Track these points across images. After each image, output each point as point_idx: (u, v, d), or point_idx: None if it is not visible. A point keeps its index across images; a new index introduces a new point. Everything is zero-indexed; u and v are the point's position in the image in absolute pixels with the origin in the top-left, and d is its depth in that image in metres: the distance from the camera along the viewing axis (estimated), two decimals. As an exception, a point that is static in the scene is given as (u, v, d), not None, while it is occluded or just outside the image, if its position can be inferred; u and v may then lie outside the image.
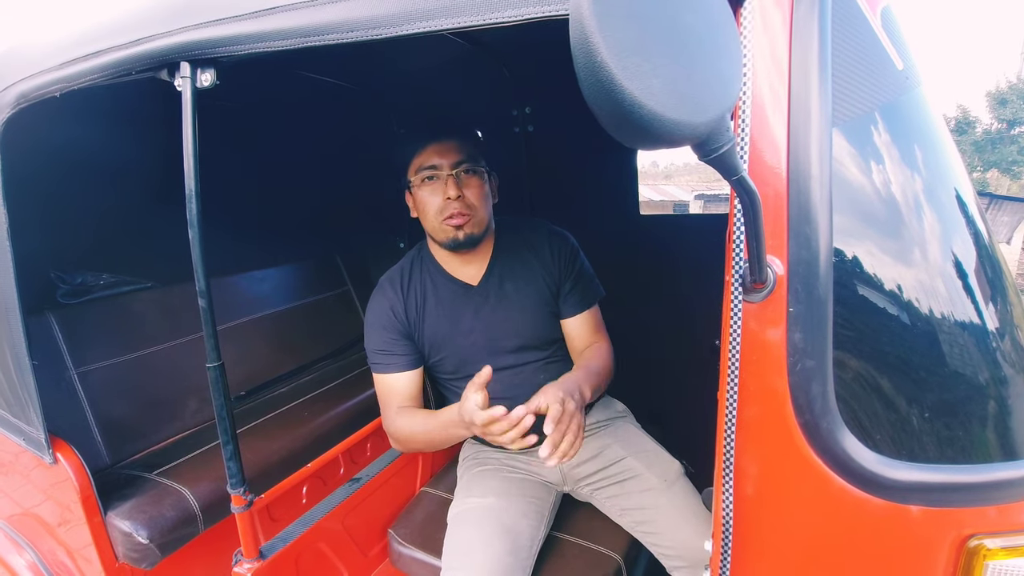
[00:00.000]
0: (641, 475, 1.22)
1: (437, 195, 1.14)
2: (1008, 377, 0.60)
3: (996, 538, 0.57)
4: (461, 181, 1.14)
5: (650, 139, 0.39)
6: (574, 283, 1.27)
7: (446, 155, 1.13)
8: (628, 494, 1.23)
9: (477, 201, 1.15)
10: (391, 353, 1.22)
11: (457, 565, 1.08)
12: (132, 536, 1.15)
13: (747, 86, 0.54)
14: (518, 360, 1.25)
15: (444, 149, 1.14)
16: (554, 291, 1.27)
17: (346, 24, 0.65)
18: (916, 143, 0.60)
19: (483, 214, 1.17)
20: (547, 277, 1.26)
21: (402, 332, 1.24)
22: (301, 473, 1.24)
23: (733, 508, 0.63)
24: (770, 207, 0.54)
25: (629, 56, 0.37)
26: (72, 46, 0.94)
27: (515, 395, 1.25)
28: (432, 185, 1.15)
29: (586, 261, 1.32)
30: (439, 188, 1.14)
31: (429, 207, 1.15)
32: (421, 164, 1.14)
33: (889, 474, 0.56)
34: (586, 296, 1.28)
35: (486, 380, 0.91)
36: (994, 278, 0.61)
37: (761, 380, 0.58)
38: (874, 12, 0.57)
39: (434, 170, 1.14)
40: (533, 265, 1.26)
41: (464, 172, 1.14)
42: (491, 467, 1.30)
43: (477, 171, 1.16)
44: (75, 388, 1.39)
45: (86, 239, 1.49)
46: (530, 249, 1.27)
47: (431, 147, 1.14)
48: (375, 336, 1.24)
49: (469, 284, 1.25)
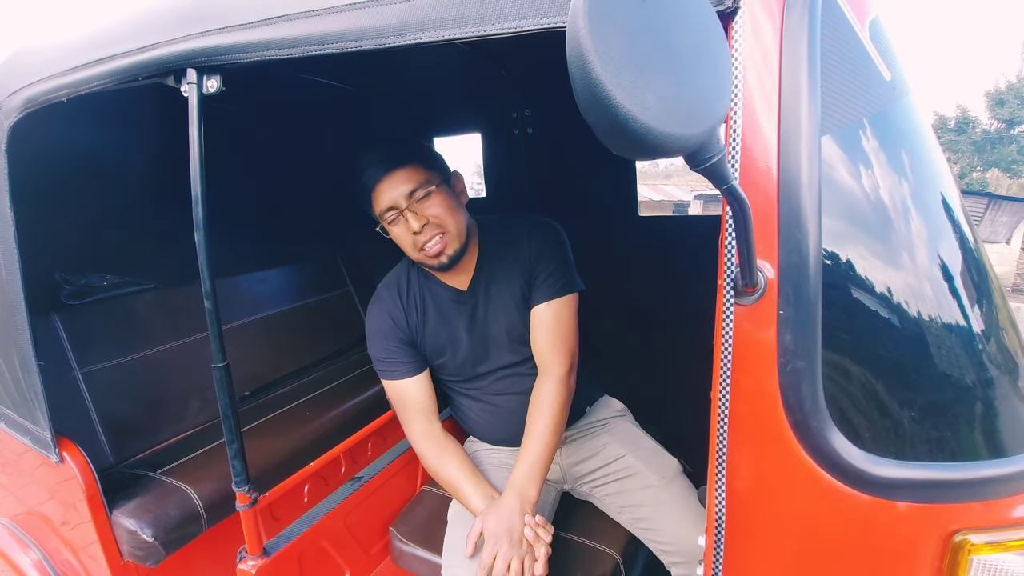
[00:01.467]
0: (640, 473, 1.24)
1: (404, 231, 1.12)
2: (992, 377, 0.62)
3: (981, 534, 0.59)
4: (420, 208, 1.10)
5: (643, 151, 0.41)
6: (544, 269, 1.22)
7: (395, 189, 1.09)
8: (627, 491, 1.24)
9: (446, 216, 1.11)
10: (395, 361, 1.24)
11: (457, 563, 1.10)
12: (137, 534, 1.16)
13: (738, 96, 0.55)
14: (515, 359, 1.27)
15: (392, 184, 1.09)
16: (530, 282, 1.23)
17: (351, 34, 0.67)
18: (903, 151, 0.62)
19: (456, 226, 1.14)
20: (524, 273, 1.23)
21: (404, 340, 1.25)
22: (303, 472, 1.26)
23: (725, 504, 0.65)
24: (761, 213, 0.55)
25: (623, 72, 0.38)
26: (79, 52, 0.95)
27: (517, 392, 1.28)
28: (397, 222, 1.12)
29: (568, 251, 1.26)
30: (403, 224, 1.11)
31: (404, 243, 1.14)
32: (380, 208, 1.12)
33: (877, 471, 0.58)
34: (554, 285, 1.21)
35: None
36: (979, 281, 0.63)
37: (753, 380, 0.59)
38: (862, 24, 0.59)
39: (392, 210, 1.11)
40: (514, 263, 1.23)
41: (420, 199, 1.10)
42: (491, 466, 1.32)
43: (432, 190, 1.11)
44: (79, 388, 1.40)
45: (90, 240, 1.51)
46: (512, 248, 1.24)
47: (380, 187, 1.10)
48: (377, 345, 1.26)
49: (460, 290, 1.26)
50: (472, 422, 1.37)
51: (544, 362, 1.21)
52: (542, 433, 1.14)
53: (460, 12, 0.59)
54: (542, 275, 1.21)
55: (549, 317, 1.20)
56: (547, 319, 1.20)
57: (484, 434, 1.37)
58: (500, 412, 1.31)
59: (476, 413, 1.34)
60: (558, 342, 1.20)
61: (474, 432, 1.40)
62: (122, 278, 1.57)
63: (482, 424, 1.35)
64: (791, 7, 0.54)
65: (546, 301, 1.20)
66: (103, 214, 1.52)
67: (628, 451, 1.28)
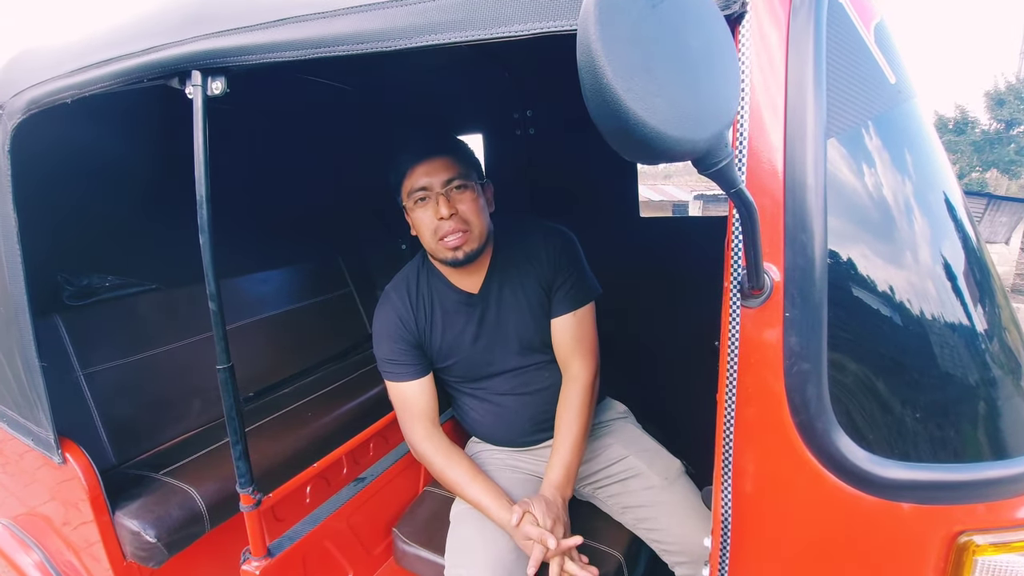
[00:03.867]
0: (643, 473, 1.24)
1: (430, 215, 1.12)
2: (997, 378, 0.63)
3: (985, 534, 0.59)
4: (453, 198, 1.12)
5: (652, 154, 0.41)
6: (565, 280, 1.24)
7: (435, 174, 1.11)
8: (630, 492, 1.25)
9: (472, 216, 1.13)
10: (401, 363, 1.24)
11: (460, 563, 1.10)
12: (140, 535, 1.16)
13: (745, 100, 0.56)
14: (522, 362, 1.27)
15: (432, 168, 1.11)
16: (548, 291, 1.25)
17: (356, 36, 0.67)
18: (908, 154, 0.62)
19: (480, 228, 1.15)
20: (541, 279, 1.25)
21: (411, 342, 1.25)
22: (306, 473, 1.26)
23: (732, 506, 0.65)
24: (767, 216, 0.56)
25: (633, 77, 0.39)
26: (83, 53, 0.95)
27: (522, 392, 1.28)
28: (424, 206, 1.13)
29: (583, 257, 1.29)
30: (431, 208, 1.12)
31: (424, 228, 1.14)
32: (412, 186, 1.13)
33: (882, 472, 0.58)
34: (578, 295, 1.24)
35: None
36: (983, 282, 0.64)
37: (759, 382, 0.60)
38: (868, 28, 0.59)
39: (424, 191, 1.12)
40: (528, 269, 1.25)
41: (455, 189, 1.12)
42: (493, 467, 1.32)
43: (469, 185, 1.13)
44: (82, 389, 1.40)
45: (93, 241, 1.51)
46: (526, 252, 1.25)
47: (419, 167, 1.12)
48: (384, 346, 1.25)
49: (470, 292, 1.26)
50: (475, 422, 1.37)
51: (570, 368, 1.24)
52: (574, 437, 1.18)
53: (468, 15, 0.59)
54: (564, 286, 1.24)
55: (574, 327, 1.24)
56: (571, 328, 1.24)
57: (487, 434, 1.37)
58: (505, 412, 1.31)
59: (480, 414, 1.34)
60: (583, 349, 1.24)
61: (476, 432, 1.40)
62: (125, 279, 1.57)
63: (486, 424, 1.35)
64: (797, 11, 0.54)
65: (571, 311, 1.24)
66: (106, 215, 1.52)
67: (630, 452, 1.28)
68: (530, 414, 1.29)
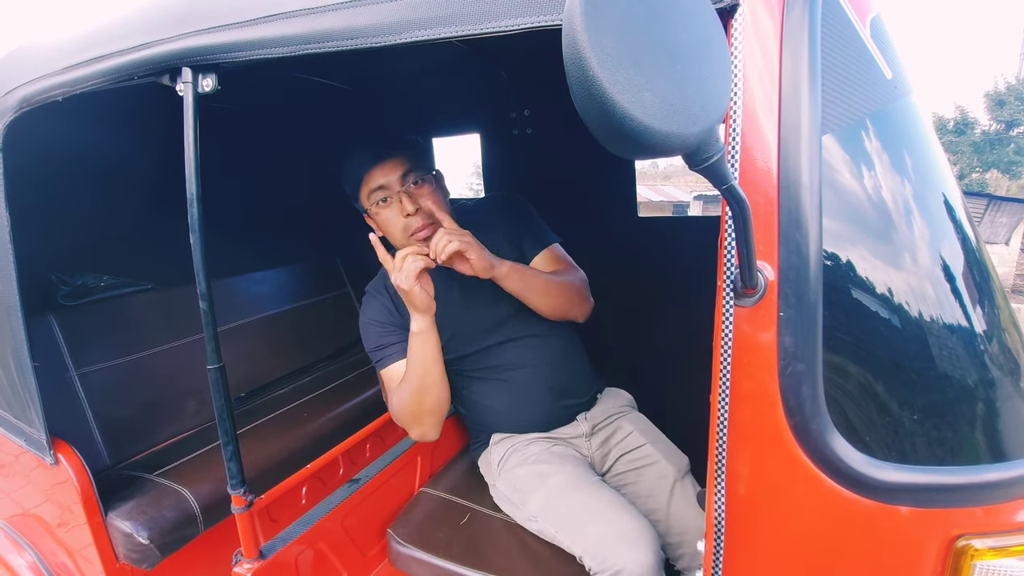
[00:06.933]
0: (658, 463, 1.25)
1: (396, 214, 1.15)
2: (995, 380, 0.62)
3: (984, 538, 0.58)
4: (413, 194, 1.15)
5: (641, 150, 0.40)
6: (526, 230, 1.31)
7: (391, 172, 1.14)
8: (642, 481, 1.25)
9: (436, 208, 1.15)
10: (387, 344, 1.24)
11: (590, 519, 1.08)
12: (133, 536, 1.16)
13: (738, 95, 0.55)
14: (516, 332, 1.27)
15: (388, 168, 1.14)
16: (518, 247, 1.30)
17: (347, 32, 0.66)
18: (904, 150, 0.61)
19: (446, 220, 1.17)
20: (509, 237, 1.29)
21: (396, 324, 1.25)
22: (300, 474, 1.25)
23: (725, 508, 0.64)
24: (761, 214, 0.55)
25: (620, 69, 0.38)
26: (75, 51, 0.95)
27: (531, 364, 1.28)
28: (388, 206, 1.16)
29: (534, 212, 1.36)
30: (395, 207, 1.15)
31: (393, 227, 1.16)
32: (370, 189, 1.15)
33: (878, 475, 0.57)
34: (541, 237, 1.31)
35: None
36: (981, 282, 0.63)
37: (752, 383, 0.59)
38: (863, 22, 0.58)
39: (384, 190, 1.14)
40: (495, 235, 1.27)
41: (413, 184, 1.15)
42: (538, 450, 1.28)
43: (426, 179, 1.16)
44: (76, 389, 1.40)
45: (87, 240, 1.50)
46: (489, 222, 1.29)
47: (375, 171, 1.15)
48: (371, 334, 1.26)
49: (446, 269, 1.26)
50: (489, 410, 1.33)
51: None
52: (544, 274, 1.22)
53: (455, 10, 0.58)
54: (528, 235, 1.31)
55: (550, 262, 1.30)
56: (548, 264, 1.30)
57: (507, 420, 1.33)
58: (517, 388, 1.29)
59: (492, 398, 1.32)
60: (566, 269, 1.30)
61: (497, 423, 1.35)
62: (119, 279, 1.57)
63: (502, 408, 1.32)
64: (791, 4, 0.53)
65: (541, 251, 1.31)
66: (100, 214, 1.51)
67: (648, 440, 1.29)
68: (546, 384, 1.28)
